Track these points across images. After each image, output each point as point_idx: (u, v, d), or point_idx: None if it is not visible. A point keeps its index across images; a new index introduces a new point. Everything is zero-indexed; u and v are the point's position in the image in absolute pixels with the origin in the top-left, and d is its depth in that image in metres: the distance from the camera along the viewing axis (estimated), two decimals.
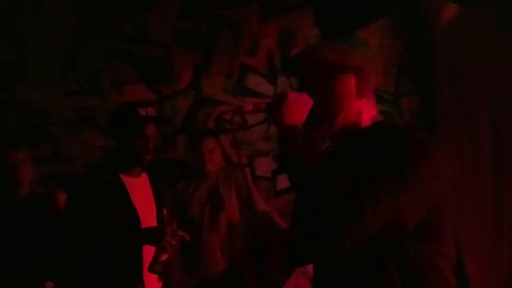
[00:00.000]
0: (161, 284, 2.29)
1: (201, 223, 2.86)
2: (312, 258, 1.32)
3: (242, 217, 3.00)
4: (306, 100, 1.31)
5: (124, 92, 3.34)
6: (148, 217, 2.20)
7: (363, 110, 1.34)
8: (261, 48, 3.48)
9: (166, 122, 2.96)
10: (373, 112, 1.36)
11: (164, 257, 2.03)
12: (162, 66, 3.41)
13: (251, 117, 3.49)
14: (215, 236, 2.86)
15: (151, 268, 2.03)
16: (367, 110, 1.35)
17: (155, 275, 2.19)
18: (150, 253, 2.07)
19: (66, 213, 2.26)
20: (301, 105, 1.30)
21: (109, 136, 2.44)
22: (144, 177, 2.32)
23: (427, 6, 3.50)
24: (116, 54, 3.35)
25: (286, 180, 1.29)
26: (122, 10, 3.37)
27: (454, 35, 3.46)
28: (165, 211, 2.20)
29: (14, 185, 2.43)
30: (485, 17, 3.43)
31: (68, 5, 3.31)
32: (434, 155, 1.19)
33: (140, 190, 2.25)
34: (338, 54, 1.33)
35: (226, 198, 2.92)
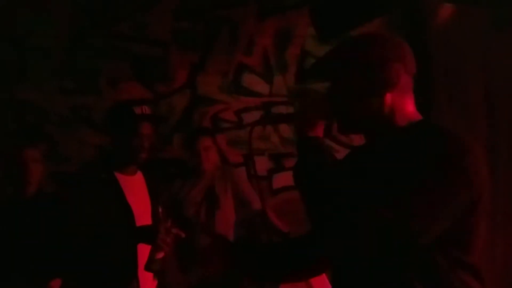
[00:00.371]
0: (155, 283, 2.29)
1: (197, 222, 2.86)
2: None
3: (237, 216, 3.00)
4: (326, 107, 1.26)
5: (120, 90, 3.34)
6: (143, 215, 2.20)
7: (397, 105, 1.24)
8: (257, 47, 3.49)
9: (161, 120, 2.96)
10: (410, 108, 1.27)
11: (159, 255, 2.03)
12: (158, 64, 3.41)
13: (247, 116, 3.49)
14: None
15: (148, 266, 2.03)
16: (402, 105, 1.25)
17: (150, 274, 2.19)
18: (145, 251, 2.07)
19: (61, 211, 2.25)
20: (319, 114, 1.26)
21: (105, 134, 2.44)
22: (139, 175, 2.32)
23: (424, 6, 3.50)
24: (113, 53, 3.35)
25: (282, 179, 1.29)
26: (120, 10, 3.36)
27: (451, 35, 3.47)
28: (160, 210, 2.20)
29: (23, 183, 2.41)
30: (482, 17, 3.44)
31: (66, 4, 3.31)
32: (471, 164, 1.10)
33: (135, 189, 2.25)
34: (380, 45, 1.25)
35: (222, 197, 2.92)
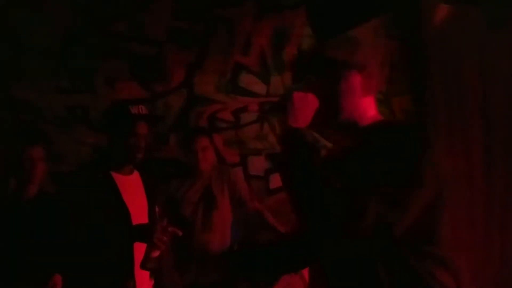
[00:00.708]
0: (152, 282, 2.28)
1: (194, 222, 2.86)
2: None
3: (234, 216, 3.00)
4: (312, 101, 1.29)
5: (116, 89, 3.33)
6: (139, 215, 2.20)
7: (364, 108, 1.33)
8: (254, 47, 3.48)
9: (158, 120, 2.96)
10: (373, 111, 1.35)
11: (155, 253, 2.03)
12: (155, 64, 3.40)
13: (244, 116, 3.49)
14: (208, 234, 2.86)
15: (143, 264, 2.03)
16: (368, 109, 1.34)
17: (147, 273, 2.19)
18: (141, 250, 2.07)
19: (57, 210, 2.25)
20: (306, 106, 1.28)
21: (101, 134, 2.43)
22: (136, 175, 2.32)
23: (421, 6, 3.51)
24: (110, 52, 3.34)
25: (279, 179, 1.30)
26: (116, 8, 3.36)
27: (447, 35, 3.47)
28: (157, 209, 2.20)
29: (28, 182, 2.40)
30: (478, 17, 3.45)
31: (63, 3, 3.30)
32: (433, 157, 1.18)
33: (131, 188, 2.24)
34: (345, 51, 1.31)
35: (219, 197, 2.92)
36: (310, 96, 1.29)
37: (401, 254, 1.17)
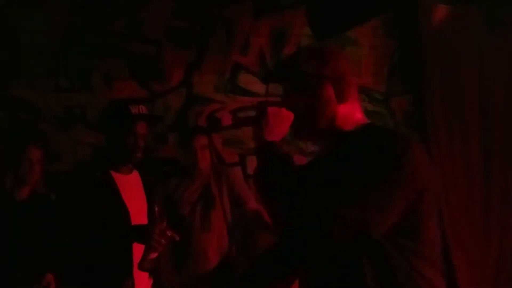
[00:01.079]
0: (151, 281, 2.28)
1: (192, 221, 2.86)
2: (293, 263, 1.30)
3: (233, 215, 3.00)
4: (286, 115, 1.33)
5: (115, 89, 3.32)
6: (139, 214, 2.20)
7: (346, 114, 1.34)
8: (253, 46, 3.48)
9: (157, 120, 2.95)
10: (358, 115, 1.36)
11: (153, 255, 2.03)
12: (154, 63, 3.40)
13: (243, 116, 3.49)
14: (206, 234, 2.86)
15: (140, 265, 2.03)
16: (351, 113, 1.35)
17: (145, 274, 2.19)
18: (140, 250, 2.07)
19: (56, 209, 2.25)
20: (280, 120, 1.32)
21: (99, 133, 2.43)
22: (135, 174, 2.32)
23: (419, 6, 3.52)
24: (108, 51, 3.34)
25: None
26: (115, 7, 3.35)
27: (445, 36, 3.48)
28: (156, 209, 2.20)
29: (21, 182, 2.39)
30: (476, 17, 3.45)
31: (61, 2, 3.29)
32: (413, 157, 1.18)
33: (131, 188, 2.24)
34: (315, 64, 1.33)
35: (217, 196, 2.92)
36: (284, 111, 1.33)
37: (385, 253, 1.18)
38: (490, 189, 3.45)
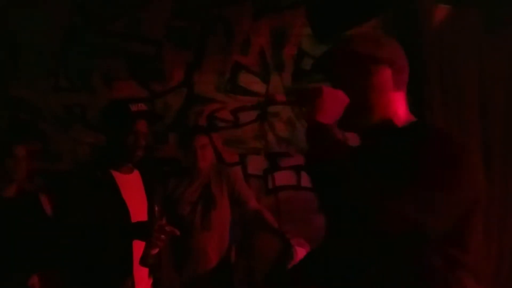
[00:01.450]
0: (151, 280, 2.29)
1: (192, 221, 2.86)
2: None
3: (233, 215, 3.00)
4: (342, 98, 1.24)
5: (115, 89, 3.33)
6: (139, 214, 2.20)
7: (398, 104, 1.29)
8: (253, 46, 3.49)
9: (157, 118, 2.95)
10: (404, 108, 1.31)
11: (154, 251, 2.04)
12: (154, 63, 3.40)
13: (243, 115, 3.49)
14: (206, 233, 2.86)
15: (142, 261, 2.04)
16: (401, 105, 1.30)
17: (145, 272, 2.20)
18: (140, 249, 2.07)
19: (55, 208, 2.25)
20: (336, 103, 1.23)
21: (99, 132, 2.43)
22: (136, 174, 2.31)
23: (419, 7, 3.52)
24: (108, 51, 3.34)
25: (278, 178, 1.28)
26: (115, 7, 3.35)
27: (445, 36, 3.48)
28: (156, 209, 2.20)
29: (7, 179, 2.39)
30: (475, 18, 3.46)
31: (61, 2, 3.29)
32: (470, 165, 1.14)
33: (131, 187, 2.24)
34: (371, 45, 1.27)
35: (218, 196, 2.92)
36: (340, 92, 1.24)
37: (431, 261, 1.13)
38: (489, 189, 3.45)
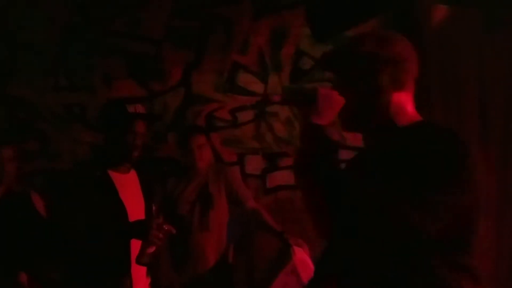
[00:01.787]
0: (149, 280, 2.29)
1: (190, 221, 2.86)
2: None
3: (231, 215, 3.00)
4: (337, 99, 1.24)
5: (114, 88, 3.32)
6: (136, 214, 2.20)
7: (400, 104, 1.27)
8: (252, 46, 3.48)
9: (155, 119, 2.95)
10: (410, 108, 1.29)
11: (151, 249, 2.04)
12: (153, 62, 3.40)
13: (242, 115, 3.49)
14: (205, 233, 2.86)
15: (138, 259, 2.05)
16: (404, 105, 1.28)
17: (143, 271, 2.20)
18: (138, 249, 2.07)
19: (53, 208, 2.25)
20: (331, 104, 1.23)
21: (98, 132, 2.43)
22: (133, 174, 2.32)
23: (418, 7, 3.51)
24: (107, 50, 3.34)
25: (276, 178, 1.29)
26: (114, 7, 3.35)
27: (444, 36, 3.48)
28: (154, 208, 2.20)
29: None
30: (475, 18, 3.45)
31: (60, 0, 3.29)
32: (472, 162, 1.13)
33: (129, 187, 2.24)
34: (375, 44, 1.27)
35: (216, 196, 2.92)
36: (336, 94, 1.24)
37: (431, 263, 1.12)
38: (488, 188, 3.45)
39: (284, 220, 3.11)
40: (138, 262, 2.04)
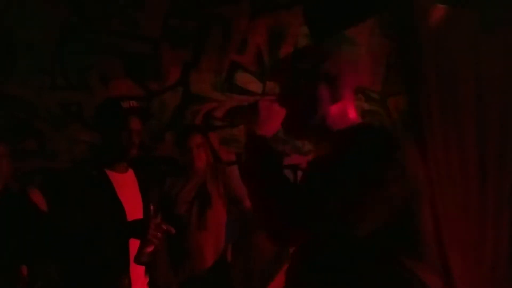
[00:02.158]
0: (147, 279, 2.29)
1: (188, 220, 2.86)
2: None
3: (229, 214, 3.00)
4: (278, 110, 1.33)
5: (111, 87, 3.32)
6: (134, 213, 2.20)
7: (339, 113, 1.35)
8: (250, 45, 3.48)
9: (149, 115, 2.94)
10: (351, 115, 1.37)
11: (149, 248, 2.04)
12: (150, 62, 3.39)
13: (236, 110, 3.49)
14: (203, 233, 2.86)
15: (137, 259, 2.05)
16: (344, 113, 1.36)
17: (142, 270, 2.20)
18: (136, 248, 2.07)
19: (50, 207, 2.24)
20: (272, 115, 1.32)
21: (95, 131, 2.43)
22: (130, 173, 2.31)
23: (416, 6, 3.52)
24: (104, 49, 3.33)
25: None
26: (111, 5, 3.34)
27: (442, 36, 3.48)
28: (151, 208, 2.20)
29: None
30: (473, 18, 3.46)
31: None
32: (403, 156, 1.18)
33: (126, 186, 2.24)
34: (310, 62, 1.35)
35: (214, 195, 2.92)
36: (276, 106, 1.33)
37: (382, 256, 1.17)
38: (485, 188, 3.46)
39: None
40: (137, 261, 2.05)
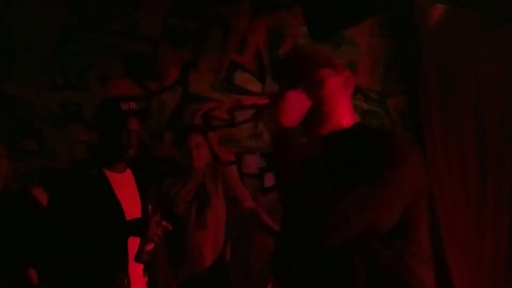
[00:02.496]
0: (146, 279, 2.28)
1: (187, 220, 2.86)
2: (296, 254, 1.31)
3: (228, 214, 3.00)
4: (305, 100, 1.30)
5: (111, 87, 3.32)
6: (133, 213, 2.20)
7: (347, 111, 1.36)
8: (249, 45, 3.48)
9: (148, 116, 2.94)
10: (350, 113, 1.37)
11: (149, 247, 2.04)
12: (150, 61, 3.39)
13: (239, 114, 3.49)
14: (202, 233, 2.86)
15: (137, 257, 2.04)
16: (349, 111, 1.36)
17: (140, 270, 2.20)
18: (135, 247, 2.07)
19: (50, 207, 2.24)
20: (299, 105, 1.29)
21: (94, 131, 2.43)
22: (128, 173, 2.31)
23: (415, 6, 3.52)
24: (104, 49, 3.33)
25: (273, 178, 1.31)
26: (111, 5, 3.34)
27: (441, 36, 3.49)
28: (150, 208, 2.20)
29: None
30: (472, 18, 3.47)
31: None
32: (409, 159, 1.18)
33: (124, 186, 2.24)
34: (298, 65, 1.34)
35: (213, 195, 2.92)
36: (303, 95, 1.30)
37: (378, 253, 1.18)
38: (485, 188, 3.46)
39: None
40: (137, 260, 2.04)
